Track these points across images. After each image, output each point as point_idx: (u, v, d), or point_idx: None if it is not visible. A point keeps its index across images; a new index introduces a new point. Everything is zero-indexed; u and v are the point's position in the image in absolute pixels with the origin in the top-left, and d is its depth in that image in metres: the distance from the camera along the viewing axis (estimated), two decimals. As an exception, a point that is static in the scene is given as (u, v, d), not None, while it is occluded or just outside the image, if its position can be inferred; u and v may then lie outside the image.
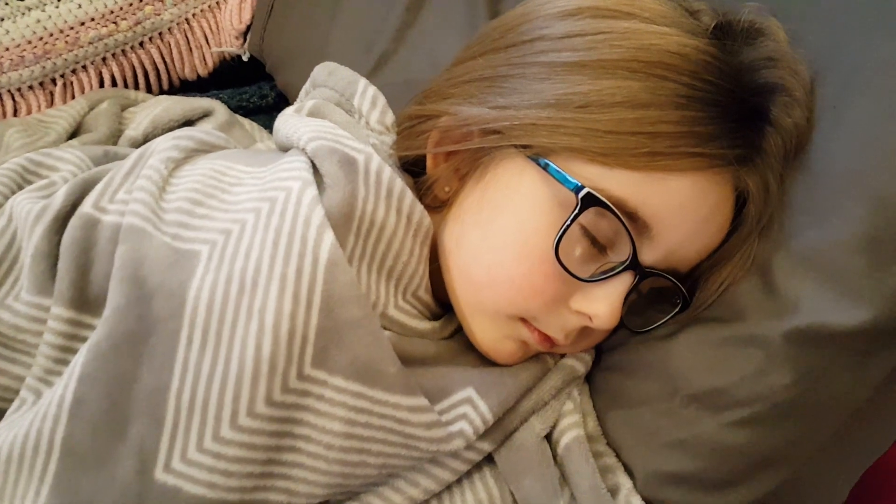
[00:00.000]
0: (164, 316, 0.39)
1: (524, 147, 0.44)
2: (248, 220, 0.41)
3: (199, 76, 0.74)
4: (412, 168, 0.49)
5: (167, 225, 0.41)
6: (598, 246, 0.43)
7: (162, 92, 0.72)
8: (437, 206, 0.49)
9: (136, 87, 0.71)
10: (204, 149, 0.48)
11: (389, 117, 0.51)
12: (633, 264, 0.43)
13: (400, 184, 0.44)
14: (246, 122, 0.68)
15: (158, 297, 0.39)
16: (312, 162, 0.43)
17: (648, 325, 0.49)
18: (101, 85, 0.68)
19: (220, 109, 0.65)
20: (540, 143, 0.43)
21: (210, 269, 0.40)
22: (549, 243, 0.43)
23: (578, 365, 0.50)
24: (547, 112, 0.43)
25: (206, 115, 0.64)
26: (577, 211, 0.42)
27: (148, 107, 0.64)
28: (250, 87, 0.73)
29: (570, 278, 0.43)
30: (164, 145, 0.46)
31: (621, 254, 0.44)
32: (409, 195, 0.45)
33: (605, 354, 0.52)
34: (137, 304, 0.39)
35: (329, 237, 0.40)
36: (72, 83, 0.67)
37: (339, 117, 0.49)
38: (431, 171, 0.48)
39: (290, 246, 0.39)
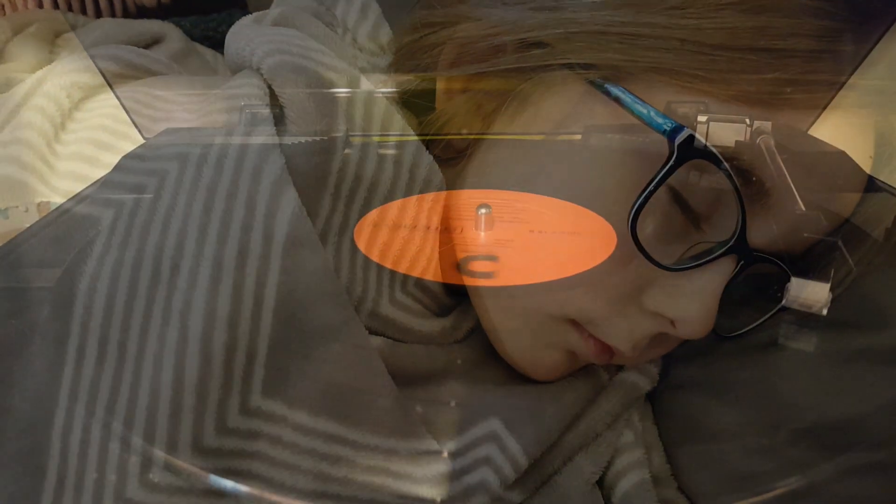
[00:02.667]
0: (44, 317, 0.33)
1: (585, 67, 0.35)
2: (170, 172, 0.33)
3: (158, 2, 0.68)
4: (416, 101, 0.41)
5: (59, 178, 0.36)
6: (690, 217, 0.35)
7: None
8: (452, 156, 0.41)
9: (84, 12, 0.65)
10: (131, 73, 0.42)
11: (385, 33, 0.43)
12: (740, 246, 0.35)
13: (399, 122, 0.37)
14: (209, 52, 0.61)
15: (38, 289, 0.33)
16: (270, 86, 0.37)
17: (741, 327, 0.41)
18: (41, 8, 0.63)
19: (173, 35, 0.58)
20: (610, 60, 0.34)
21: (112, 244, 0.32)
22: (620, 213, 0.34)
23: (642, 380, 0.43)
24: (620, 14, 0.34)
25: (156, 41, 0.57)
26: (670, 164, 0.32)
27: (86, 32, 0.57)
28: (218, 14, 0.67)
29: (647, 265, 0.35)
30: (69, 66, 0.40)
31: (719, 231, 0.35)
32: (413, 140, 0.38)
33: (677, 366, 0.45)
34: (7, 298, 0.33)
35: (291, 200, 0.33)
36: (3, 6, 0.62)
37: (314, 29, 0.41)
38: (444, 105, 0.40)
39: (228, 212, 0.32)
